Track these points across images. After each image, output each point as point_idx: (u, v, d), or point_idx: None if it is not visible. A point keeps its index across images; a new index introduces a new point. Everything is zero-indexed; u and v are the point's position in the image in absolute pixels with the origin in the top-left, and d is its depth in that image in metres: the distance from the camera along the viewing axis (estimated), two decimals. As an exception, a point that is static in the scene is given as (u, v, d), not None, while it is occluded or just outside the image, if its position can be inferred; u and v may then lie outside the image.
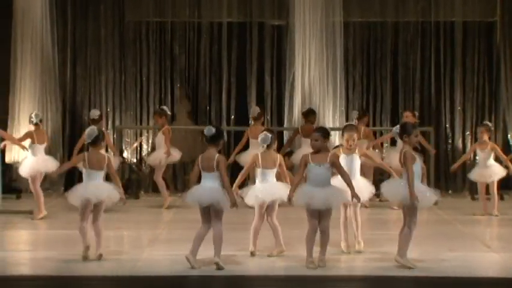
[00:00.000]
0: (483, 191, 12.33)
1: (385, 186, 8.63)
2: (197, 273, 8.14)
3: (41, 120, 11.99)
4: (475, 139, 13.71)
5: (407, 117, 13.37)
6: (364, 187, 9.11)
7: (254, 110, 13.51)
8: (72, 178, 14.77)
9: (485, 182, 12.25)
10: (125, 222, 11.40)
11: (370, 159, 9.73)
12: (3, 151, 12.90)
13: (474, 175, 12.37)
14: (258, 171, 8.91)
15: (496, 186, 12.23)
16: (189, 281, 8.04)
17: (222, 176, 8.27)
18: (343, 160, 8.95)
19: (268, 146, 8.90)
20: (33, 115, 11.96)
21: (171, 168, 14.73)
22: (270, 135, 8.90)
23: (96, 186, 8.76)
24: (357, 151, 9.22)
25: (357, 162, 9.21)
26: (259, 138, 8.96)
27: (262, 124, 13.51)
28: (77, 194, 8.81)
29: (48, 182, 14.77)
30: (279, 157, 8.93)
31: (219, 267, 8.22)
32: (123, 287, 8.05)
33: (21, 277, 8.04)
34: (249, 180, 10.84)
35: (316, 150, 8.42)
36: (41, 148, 11.80)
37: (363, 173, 9.85)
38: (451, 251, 9.41)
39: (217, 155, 8.36)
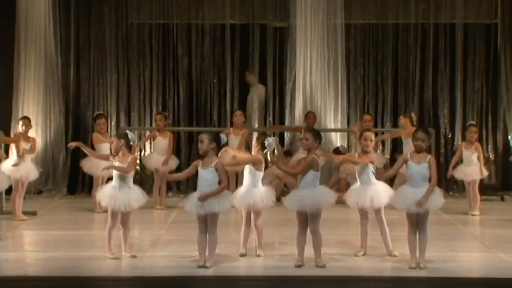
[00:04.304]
0: (469, 190, 12.41)
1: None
2: (200, 273, 8.18)
3: None
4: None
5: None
6: (383, 191, 8.95)
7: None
8: (75, 179, 14.87)
9: (468, 181, 12.36)
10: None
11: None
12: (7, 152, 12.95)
13: (457, 173, 12.50)
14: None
15: (477, 185, 12.33)
16: (192, 282, 8.08)
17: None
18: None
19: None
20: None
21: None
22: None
23: (125, 197, 8.81)
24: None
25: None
26: None
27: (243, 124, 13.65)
28: (105, 199, 8.91)
29: (51, 183, 14.85)
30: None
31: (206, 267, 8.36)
32: (125, 287, 8.11)
33: (24, 278, 8.07)
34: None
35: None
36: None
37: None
38: (452, 251, 9.47)
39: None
